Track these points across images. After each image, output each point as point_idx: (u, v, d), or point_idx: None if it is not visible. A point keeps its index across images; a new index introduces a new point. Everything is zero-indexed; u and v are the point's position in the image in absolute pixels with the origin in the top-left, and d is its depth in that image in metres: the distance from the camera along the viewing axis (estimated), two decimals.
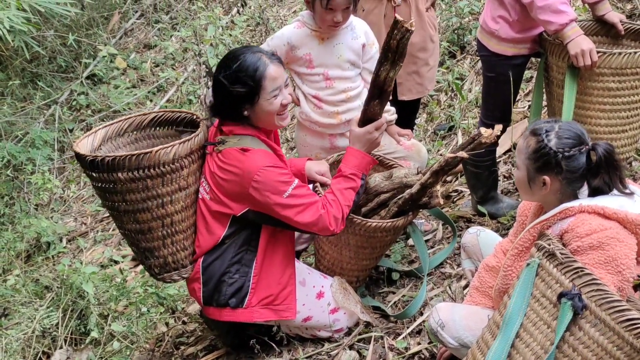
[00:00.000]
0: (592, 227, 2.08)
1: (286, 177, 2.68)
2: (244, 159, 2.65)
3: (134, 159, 2.56)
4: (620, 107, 3.04)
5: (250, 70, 2.65)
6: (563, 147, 2.14)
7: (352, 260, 3.14)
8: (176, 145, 2.63)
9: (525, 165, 2.23)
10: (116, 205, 2.73)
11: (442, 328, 2.42)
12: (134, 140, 2.97)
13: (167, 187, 2.68)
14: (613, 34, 3.30)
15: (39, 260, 5.05)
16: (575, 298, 1.87)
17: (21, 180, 6.00)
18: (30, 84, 7.23)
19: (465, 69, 5.38)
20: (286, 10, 7.70)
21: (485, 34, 3.28)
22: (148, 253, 2.83)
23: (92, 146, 2.79)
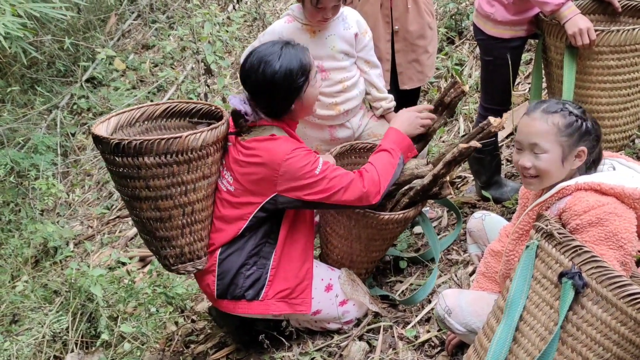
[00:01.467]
0: (589, 204, 2.07)
1: (313, 156, 2.69)
2: (272, 144, 2.67)
3: (163, 144, 2.52)
4: (620, 84, 3.02)
5: (299, 59, 2.68)
6: (583, 115, 2.20)
7: (362, 252, 3.14)
8: (205, 131, 2.61)
9: (559, 144, 2.18)
10: (137, 192, 2.67)
11: (449, 314, 2.42)
12: (144, 130, 2.91)
13: (192, 174, 2.65)
14: (610, 12, 3.28)
15: (47, 265, 5.05)
16: (576, 276, 1.86)
17: (26, 187, 6.01)
18: (30, 89, 7.24)
19: (464, 54, 5.35)
20: (282, 4, 7.67)
21: (481, 18, 3.26)
22: (165, 242, 2.78)
23: (107, 132, 2.73)
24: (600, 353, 1.87)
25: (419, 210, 3.07)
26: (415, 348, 2.86)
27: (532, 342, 1.98)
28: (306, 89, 2.71)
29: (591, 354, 1.88)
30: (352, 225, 3.00)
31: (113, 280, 4.11)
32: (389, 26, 3.55)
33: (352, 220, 3.00)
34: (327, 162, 2.75)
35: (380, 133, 3.46)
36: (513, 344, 2.01)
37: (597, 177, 2.14)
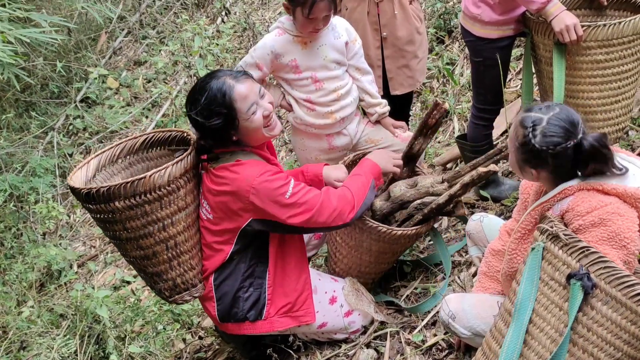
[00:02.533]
0: (592, 204, 2.08)
1: (282, 180, 2.64)
2: (238, 170, 2.63)
3: (129, 186, 2.52)
4: (610, 78, 3.03)
5: (218, 98, 2.58)
6: (547, 145, 2.10)
7: (371, 264, 3.16)
8: (169, 167, 2.58)
9: (514, 155, 2.22)
10: (117, 234, 2.69)
11: (453, 319, 2.43)
12: (127, 165, 2.93)
13: (167, 210, 2.64)
14: (596, 6, 3.29)
15: (52, 289, 5.07)
16: (584, 278, 1.87)
17: (26, 211, 6.02)
18: (25, 113, 7.25)
19: (455, 53, 5.37)
20: (271, 13, 7.70)
21: (468, 19, 3.28)
22: (156, 277, 2.80)
23: (86, 177, 2.76)
24: (611, 353, 1.88)
25: (430, 225, 3.11)
26: (423, 352, 2.87)
27: (543, 345, 1.99)
28: (239, 123, 2.63)
29: (602, 354, 1.88)
30: (364, 237, 3.02)
31: (119, 300, 4.12)
32: (378, 33, 3.56)
33: (363, 233, 3.02)
34: (299, 184, 2.70)
35: (377, 139, 3.48)
36: (524, 347, 2.02)
37: (600, 177, 2.13)
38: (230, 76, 2.64)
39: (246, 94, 2.62)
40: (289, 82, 3.33)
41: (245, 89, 2.62)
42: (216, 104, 2.58)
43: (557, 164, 2.14)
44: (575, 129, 2.11)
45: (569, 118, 2.13)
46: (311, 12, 3.05)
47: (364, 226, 2.98)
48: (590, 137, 2.11)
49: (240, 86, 2.62)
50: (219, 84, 2.60)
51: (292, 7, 3.10)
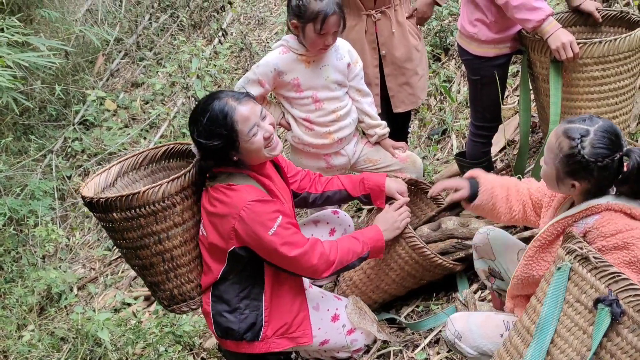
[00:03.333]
0: (617, 227, 2.05)
1: (272, 213, 2.62)
2: (230, 194, 2.63)
3: (124, 200, 2.57)
4: (607, 94, 3.06)
5: (219, 119, 2.58)
6: (596, 157, 2.06)
7: (394, 283, 3.19)
8: (164, 184, 2.61)
9: (556, 166, 2.16)
10: (118, 242, 2.78)
11: (460, 339, 2.41)
12: (150, 173, 3.00)
13: (161, 224, 2.68)
14: (591, 23, 3.33)
15: (52, 312, 5.05)
16: (614, 304, 1.83)
17: (25, 234, 6.01)
18: (23, 136, 7.27)
19: (452, 70, 5.40)
20: (268, 33, 7.74)
21: (465, 38, 3.31)
22: (154, 287, 2.86)
23: (105, 183, 2.84)
24: None
25: (465, 266, 3.20)
26: None
27: None
28: (239, 144, 2.63)
29: None
30: (403, 254, 3.05)
31: (120, 323, 4.11)
32: (376, 52, 3.59)
33: (405, 250, 3.04)
34: (288, 223, 2.66)
35: (375, 159, 3.50)
36: None
37: (630, 200, 2.11)
38: (232, 97, 2.64)
39: (247, 115, 2.62)
40: (289, 101, 3.35)
41: (246, 111, 2.62)
42: (217, 125, 2.58)
43: (601, 177, 2.10)
44: (620, 140, 2.09)
45: (614, 130, 2.10)
46: (323, 28, 3.07)
47: (411, 243, 3.01)
48: (634, 150, 2.07)
49: (242, 108, 2.62)
50: (220, 104, 2.60)
51: (302, 24, 3.12)
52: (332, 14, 3.07)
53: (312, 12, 3.07)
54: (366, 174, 3.19)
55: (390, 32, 3.55)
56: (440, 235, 3.21)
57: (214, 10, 8.43)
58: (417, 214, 3.60)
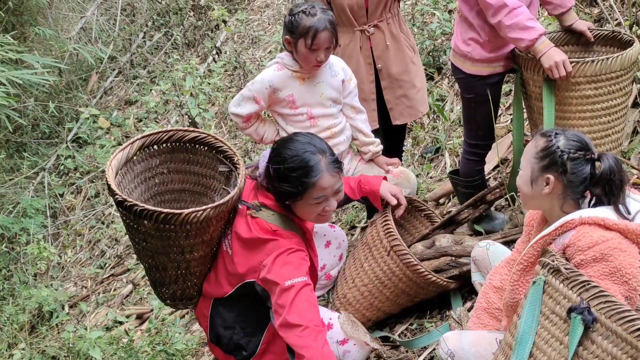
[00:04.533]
0: (593, 239, 2.07)
1: (297, 267, 2.55)
2: (270, 236, 2.60)
3: (162, 217, 2.48)
4: (600, 112, 3.07)
5: (301, 174, 2.56)
6: (570, 148, 2.16)
7: (388, 301, 3.18)
8: (209, 209, 2.52)
9: (530, 165, 2.23)
10: (137, 240, 2.68)
11: (452, 358, 2.41)
12: (170, 150, 2.84)
13: (191, 240, 2.62)
14: (583, 42, 3.35)
15: (44, 330, 5.02)
16: (585, 312, 1.86)
17: (17, 252, 5.99)
18: (16, 154, 7.26)
19: (445, 89, 5.43)
20: (261, 52, 7.78)
21: (458, 57, 3.32)
22: (159, 284, 2.82)
23: (126, 157, 2.67)
24: None
25: (459, 284, 3.19)
26: None
27: None
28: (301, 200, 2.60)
29: None
30: (397, 271, 3.05)
31: (111, 341, 4.08)
32: (371, 67, 3.61)
33: (399, 268, 3.04)
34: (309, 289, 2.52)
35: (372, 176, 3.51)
36: None
37: (601, 211, 2.14)
38: (325, 160, 2.60)
39: (326, 187, 2.59)
40: (284, 117, 3.35)
41: (328, 182, 2.59)
42: (297, 174, 2.56)
43: (574, 172, 2.16)
44: (591, 147, 2.18)
45: (586, 138, 2.21)
46: (314, 43, 3.10)
47: (405, 261, 3.01)
48: (610, 155, 2.15)
49: (327, 177, 2.59)
50: (313, 160, 2.57)
51: (295, 40, 3.15)
52: (323, 30, 3.10)
53: (303, 28, 3.10)
54: (363, 176, 3.21)
55: (385, 46, 3.57)
56: (434, 252, 3.21)
57: (208, 29, 8.47)
58: (411, 231, 3.60)
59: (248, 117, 3.33)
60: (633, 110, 3.78)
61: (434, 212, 3.56)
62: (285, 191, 2.60)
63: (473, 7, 3.16)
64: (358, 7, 3.49)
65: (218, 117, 6.83)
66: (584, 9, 4.71)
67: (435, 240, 3.24)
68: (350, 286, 3.23)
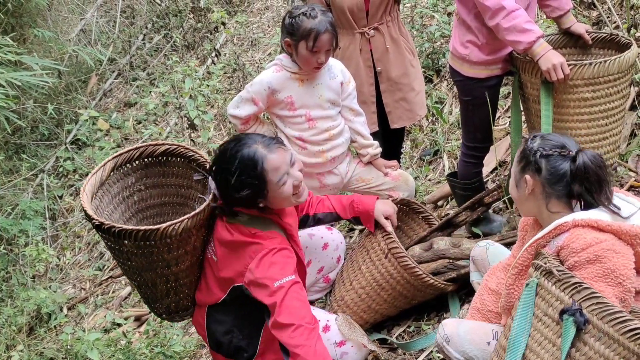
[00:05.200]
0: (587, 241, 2.08)
1: (283, 266, 2.53)
2: (251, 239, 2.58)
3: (141, 234, 2.48)
4: (597, 115, 3.07)
5: (249, 169, 2.51)
6: (543, 147, 2.20)
7: (385, 303, 3.18)
8: (186, 220, 2.52)
9: (513, 170, 2.29)
10: (122, 261, 2.69)
11: (448, 343, 2.42)
12: (143, 166, 2.86)
13: (174, 253, 2.61)
14: (581, 44, 3.35)
15: (42, 332, 5.01)
16: (577, 313, 1.87)
17: (16, 254, 5.99)
18: (15, 155, 7.26)
19: (444, 92, 5.43)
20: (261, 54, 7.78)
21: (456, 60, 3.33)
22: (151, 300, 2.83)
23: (100, 180, 2.70)
24: None
25: (457, 286, 3.19)
26: None
27: None
28: (268, 193, 2.56)
29: None
30: (395, 274, 3.05)
31: (109, 343, 4.08)
32: (371, 70, 3.62)
33: (397, 270, 3.04)
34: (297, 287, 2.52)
35: (368, 178, 3.51)
36: None
37: (595, 213, 2.15)
38: (261, 144, 2.56)
39: (277, 165, 2.55)
40: (282, 119, 3.36)
41: (277, 160, 2.55)
42: (247, 175, 2.51)
43: (549, 169, 2.18)
44: (571, 146, 2.20)
45: (567, 139, 2.24)
46: (315, 45, 3.10)
47: (402, 263, 3.01)
48: (586, 152, 2.17)
49: (272, 156, 2.54)
50: (250, 152, 2.53)
51: (295, 42, 3.15)
52: (324, 32, 3.10)
53: (304, 30, 3.11)
54: (356, 196, 3.19)
55: (385, 48, 3.57)
56: (432, 255, 3.21)
57: (208, 31, 8.47)
58: (408, 234, 3.60)
59: (247, 118, 3.33)
60: (630, 113, 3.78)
61: (431, 215, 3.55)
62: (248, 196, 2.55)
63: (471, 9, 3.16)
64: (358, 10, 3.49)
65: (217, 119, 6.83)
66: (583, 11, 4.71)
67: (433, 243, 3.24)
68: (348, 289, 3.23)
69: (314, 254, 3.29)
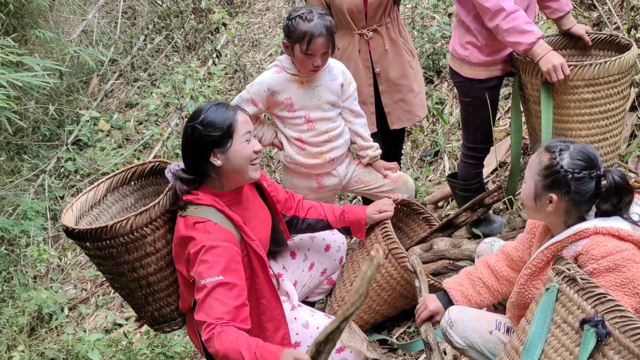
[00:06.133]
0: (607, 249, 2.06)
1: (212, 266, 2.51)
2: (188, 234, 2.59)
3: (94, 233, 2.58)
4: (598, 116, 3.08)
5: (220, 116, 2.59)
6: (574, 168, 2.13)
7: (385, 304, 3.19)
8: (131, 217, 2.59)
9: (534, 181, 2.22)
10: (101, 268, 2.82)
11: (451, 327, 2.42)
12: (139, 187, 3.02)
13: (133, 254, 2.66)
14: (581, 45, 3.36)
15: (43, 333, 5.02)
16: (599, 325, 1.84)
17: (17, 254, 5.99)
18: (16, 156, 7.27)
19: (444, 93, 5.43)
20: (262, 54, 7.78)
21: (456, 61, 3.33)
22: (137, 308, 2.90)
23: (94, 200, 2.87)
24: None
25: None
26: None
27: None
28: (231, 144, 2.60)
29: None
30: (395, 274, 3.06)
31: (110, 344, 4.09)
32: (370, 70, 3.62)
33: (397, 271, 3.05)
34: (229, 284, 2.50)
35: (367, 180, 3.52)
36: None
37: (615, 222, 2.13)
38: (230, 106, 2.67)
39: (246, 120, 2.66)
40: (282, 120, 3.36)
41: (245, 118, 2.67)
42: (216, 119, 2.58)
43: (578, 191, 2.14)
44: (598, 162, 2.16)
45: (592, 151, 2.17)
46: (309, 48, 3.11)
47: (400, 264, 3.02)
48: (614, 170, 2.13)
49: (242, 114, 2.66)
50: (222, 107, 2.64)
51: (291, 44, 3.16)
52: (319, 35, 3.11)
53: (299, 33, 3.12)
54: (347, 206, 3.19)
55: (384, 50, 3.57)
56: (432, 256, 3.21)
57: (209, 32, 8.48)
58: (409, 234, 3.61)
59: None
60: (631, 114, 3.79)
61: (432, 215, 3.56)
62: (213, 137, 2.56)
63: (470, 11, 3.16)
64: (357, 11, 3.49)
65: None
66: (583, 12, 4.71)
67: (433, 244, 3.25)
68: (348, 289, 3.23)
69: (316, 256, 3.29)
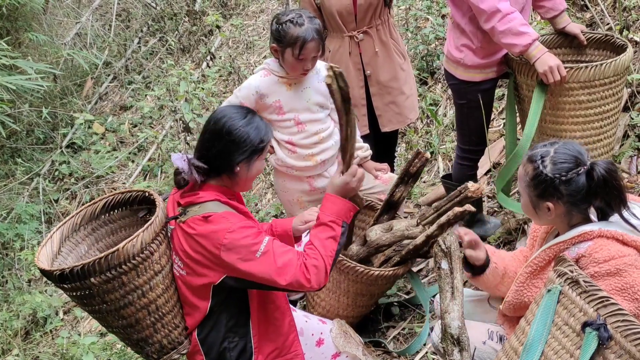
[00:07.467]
0: (610, 253, 2.07)
1: (254, 236, 2.49)
2: (208, 225, 2.51)
3: (103, 261, 2.42)
4: (592, 118, 3.08)
5: (262, 130, 2.56)
6: (559, 172, 2.12)
7: (349, 307, 3.18)
8: (140, 234, 2.47)
9: (527, 193, 2.22)
10: (97, 308, 2.59)
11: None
12: (91, 231, 2.82)
13: (144, 276, 2.54)
14: (576, 45, 3.36)
15: (37, 337, 5.00)
16: (601, 328, 1.83)
17: (11, 258, 5.97)
18: (10, 159, 7.24)
19: (438, 94, 5.44)
20: (256, 57, 7.78)
21: (451, 63, 3.33)
22: (142, 343, 2.70)
23: (52, 252, 2.64)
24: None
25: (408, 267, 3.13)
26: None
27: None
28: (257, 158, 2.58)
29: None
30: (342, 279, 3.03)
31: (105, 347, 4.08)
32: (361, 72, 3.62)
33: (341, 274, 3.03)
34: (272, 242, 2.52)
35: None
36: None
37: (620, 226, 2.13)
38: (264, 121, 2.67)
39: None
40: (272, 123, 3.34)
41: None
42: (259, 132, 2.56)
43: (570, 193, 2.13)
44: (583, 156, 2.14)
45: (575, 147, 2.17)
46: (301, 53, 3.11)
47: (342, 267, 3.01)
48: (601, 162, 2.13)
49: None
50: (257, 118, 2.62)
51: (282, 49, 3.16)
52: (311, 40, 3.11)
53: (291, 37, 3.11)
54: (274, 220, 3.07)
55: (374, 52, 3.57)
56: (367, 249, 3.14)
57: (203, 35, 8.48)
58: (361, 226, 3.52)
59: None
60: (623, 115, 3.79)
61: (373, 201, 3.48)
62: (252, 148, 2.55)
63: (465, 13, 3.17)
64: (347, 13, 3.49)
65: None
66: (576, 13, 4.72)
67: (366, 236, 3.17)
68: (314, 305, 3.27)
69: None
